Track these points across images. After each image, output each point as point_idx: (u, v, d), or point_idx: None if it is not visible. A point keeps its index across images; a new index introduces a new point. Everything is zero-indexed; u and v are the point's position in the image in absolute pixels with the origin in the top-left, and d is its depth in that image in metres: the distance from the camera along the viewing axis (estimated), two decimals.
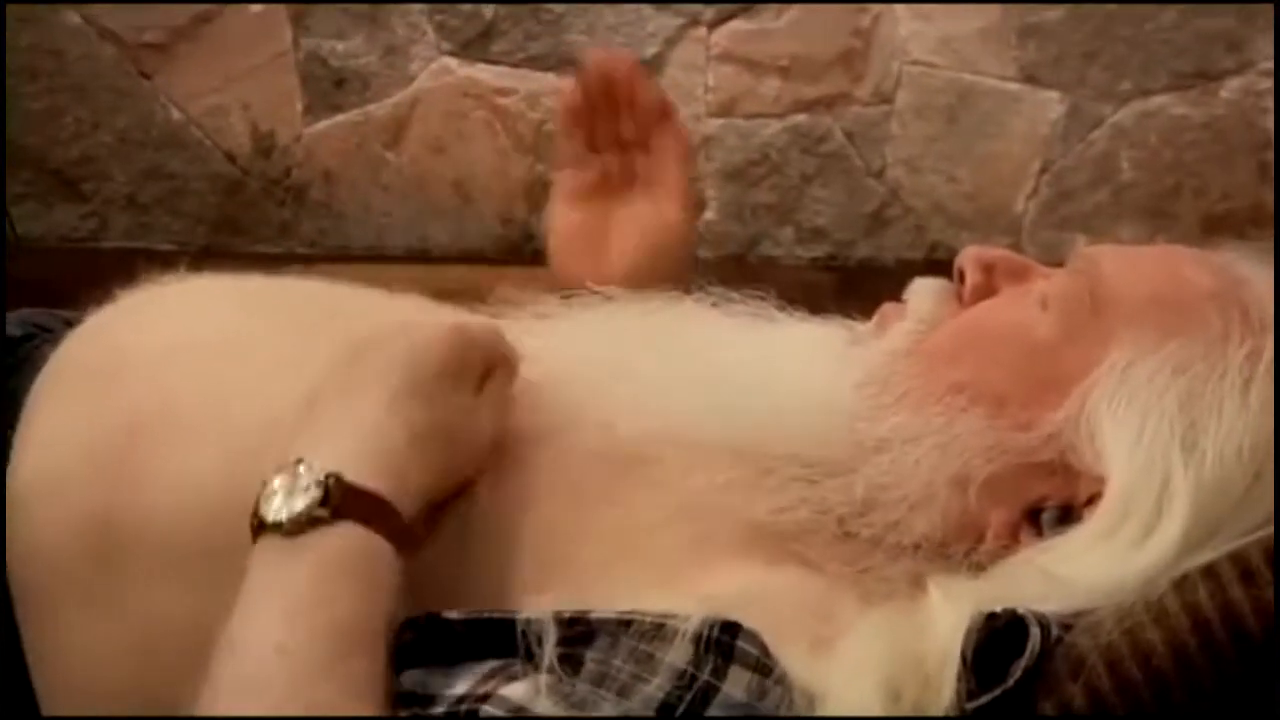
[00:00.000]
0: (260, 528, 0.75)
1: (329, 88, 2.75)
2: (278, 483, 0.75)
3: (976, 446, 0.84)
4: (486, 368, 0.85)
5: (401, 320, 0.85)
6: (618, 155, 1.07)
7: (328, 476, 0.75)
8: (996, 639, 0.74)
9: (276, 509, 0.75)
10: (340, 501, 0.75)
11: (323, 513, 0.74)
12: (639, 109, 1.05)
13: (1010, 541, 0.84)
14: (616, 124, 1.06)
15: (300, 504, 0.74)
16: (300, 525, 0.74)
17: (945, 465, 0.84)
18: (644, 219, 1.07)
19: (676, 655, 0.71)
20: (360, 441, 0.78)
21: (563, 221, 1.09)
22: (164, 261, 1.03)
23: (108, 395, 0.91)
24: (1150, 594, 0.75)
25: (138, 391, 0.91)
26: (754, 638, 0.72)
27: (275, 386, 0.89)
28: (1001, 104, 2.64)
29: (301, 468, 0.76)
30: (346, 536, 0.75)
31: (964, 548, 0.84)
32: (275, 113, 2.77)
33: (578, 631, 0.73)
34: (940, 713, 0.73)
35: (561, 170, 1.10)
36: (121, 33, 2.75)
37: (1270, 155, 2.55)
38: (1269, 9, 2.48)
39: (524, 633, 0.73)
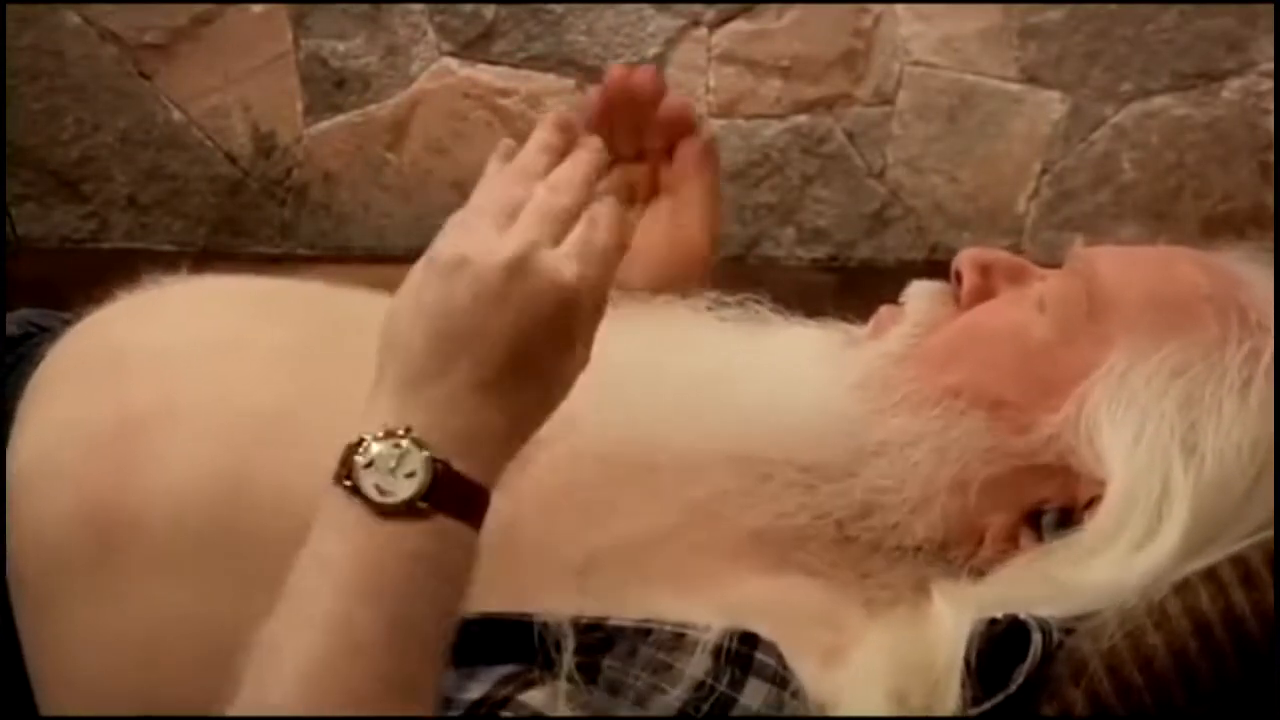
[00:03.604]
0: (353, 491, 0.69)
1: (330, 88, 2.75)
2: (379, 449, 0.69)
3: (975, 449, 0.84)
4: (599, 311, 0.76)
5: (512, 262, 0.72)
6: (641, 164, 1.06)
7: (436, 463, 0.69)
8: (998, 644, 0.74)
9: (377, 483, 0.69)
10: (444, 492, 0.70)
11: (424, 505, 0.69)
12: (662, 121, 1.03)
13: (1010, 545, 0.84)
14: (638, 134, 1.04)
15: (405, 489, 0.69)
16: (399, 511, 0.69)
17: (944, 468, 0.84)
18: (664, 228, 1.05)
19: (695, 666, 0.71)
20: (464, 420, 0.71)
21: None
22: (164, 262, 1.03)
23: (107, 388, 0.91)
24: (1151, 597, 0.75)
25: (137, 384, 0.91)
26: (772, 649, 0.73)
27: (275, 384, 0.89)
28: (1003, 104, 2.64)
29: (407, 442, 0.69)
30: (439, 530, 0.70)
31: (964, 551, 0.84)
32: (276, 113, 2.77)
33: (595, 638, 0.73)
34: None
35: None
36: (122, 33, 2.75)
37: (1271, 156, 2.55)
38: (1270, 9, 2.48)
39: (541, 636, 0.72)
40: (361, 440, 0.69)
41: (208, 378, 0.91)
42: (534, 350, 0.72)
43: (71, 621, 0.88)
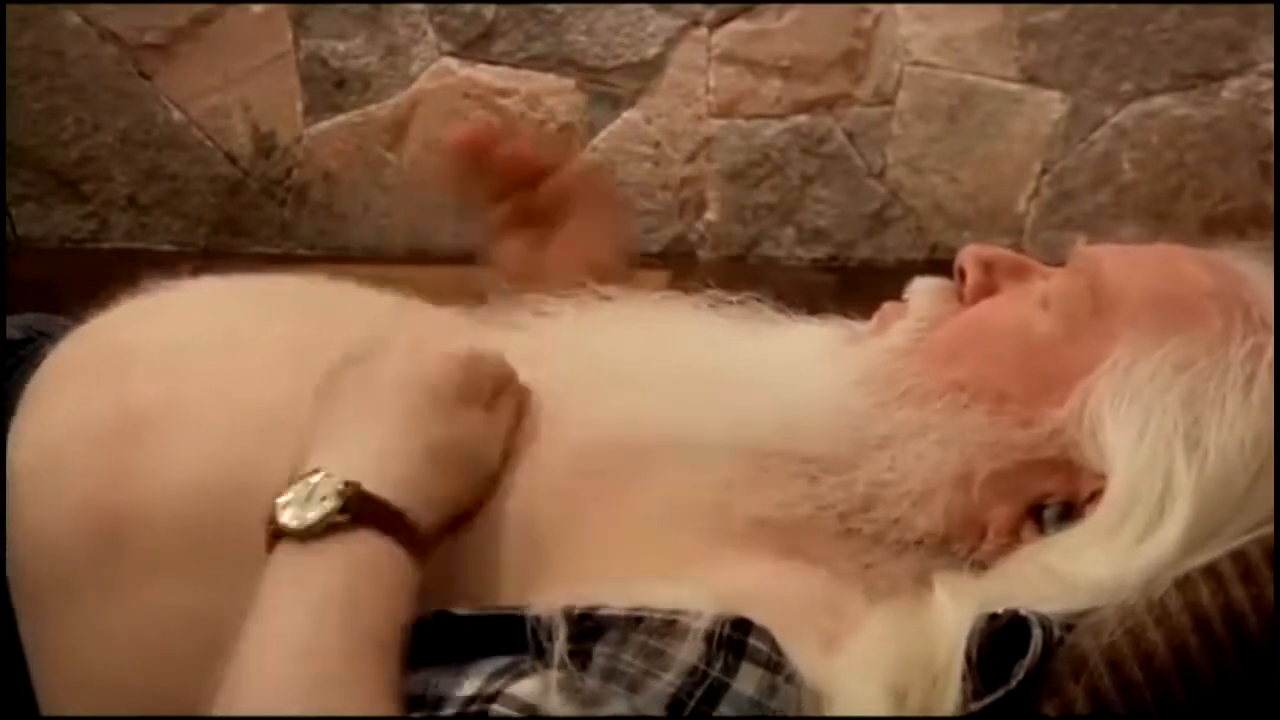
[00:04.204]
0: (277, 536, 0.75)
1: (330, 88, 2.75)
2: (293, 492, 0.76)
3: (978, 443, 0.84)
4: (496, 389, 0.87)
5: (416, 339, 0.86)
6: (532, 193, 1.10)
7: (347, 485, 0.76)
8: (999, 639, 0.74)
9: (294, 516, 0.75)
10: (359, 510, 0.75)
11: (342, 519, 0.75)
12: (522, 165, 1.08)
13: (1012, 538, 0.84)
14: (509, 173, 1.08)
15: (318, 511, 0.75)
16: (319, 531, 0.74)
17: (947, 462, 0.84)
18: (577, 244, 1.09)
19: (688, 651, 0.71)
20: (379, 455, 0.79)
21: (505, 251, 1.11)
22: (164, 262, 1.03)
23: (109, 387, 0.91)
24: (1152, 593, 0.75)
25: (139, 384, 0.91)
26: (765, 635, 0.73)
27: (278, 379, 0.89)
28: (1003, 104, 2.64)
29: (318, 477, 0.76)
30: (365, 543, 0.75)
31: (966, 544, 0.84)
32: (276, 113, 2.77)
33: (587, 627, 0.73)
34: (946, 713, 0.73)
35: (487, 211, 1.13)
36: (122, 33, 2.75)
37: (1271, 156, 2.55)
38: (1270, 9, 2.48)
39: (533, 629, 0.73)
40: (276, 497, 0.76)
41: (210, 375, 0.91)
42: (440, 398, 0.82)
43: (74, 620, 0.88)
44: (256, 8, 2.73)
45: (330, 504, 0.75)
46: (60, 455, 0.90)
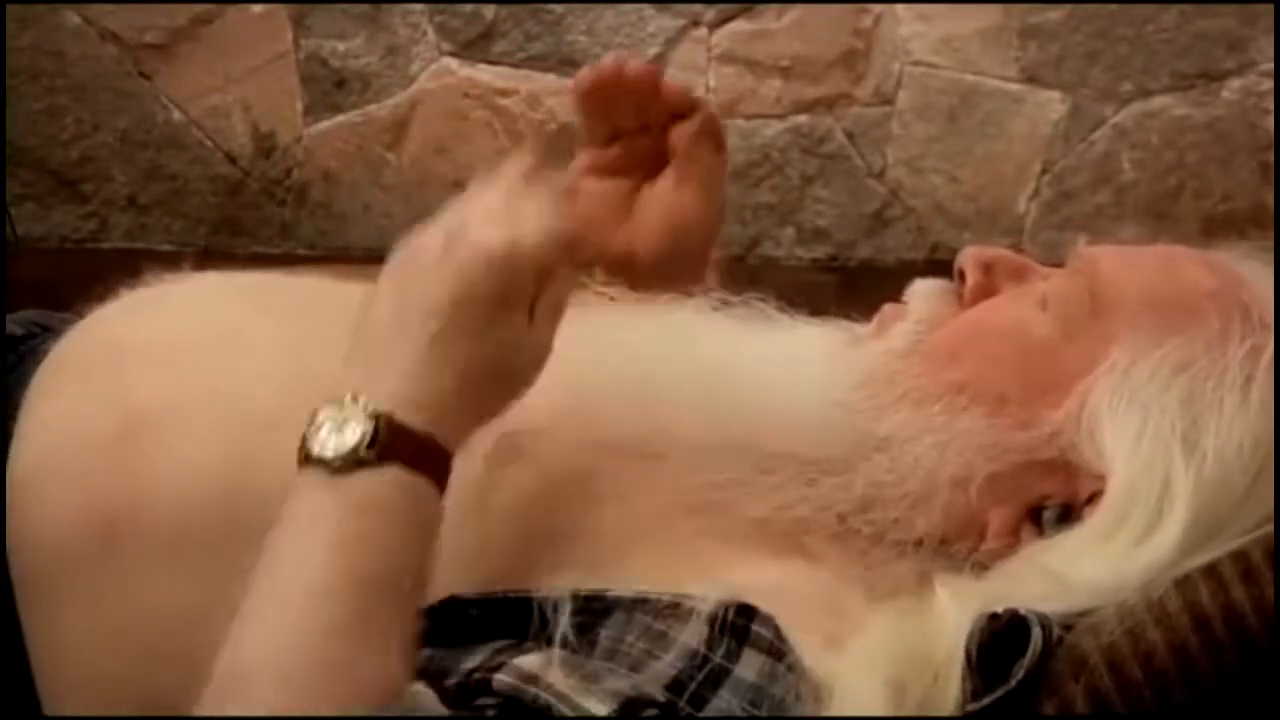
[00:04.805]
0: (307, 460, 0.74)
1: (329, 88, 2.75)
2: (325, 415, 0.75)
3: (977, 445, 0.84)
4: (540, 279, 0.80)
5: (450, 234, 0.80)
6: (641, 139, 1.06)
7: (377, 415, 0.74)
8: (998, 639, 0.74)
9: (323, 443, 0.74)
10: (388, 441, 0.74)
11: (369, 455, 0.73)
12: (660, 102, 1.03)
13: (1011, 540, 0.84)
14: (638, 111, 1.03)
15: (349, 440, 0.73)
16: (347, 464, 0.73)
17: (945, 464, 0.84)
18: (667, 202, 1.05)
19: (690, 635, 0.72)
20: (409, 381, 0.76)
21: (586, 190, 1.05)
22: (164, 262, 1.03)
23: (108, 385, 0.91)
24: (1152, 593, 0.75)
25: (139, 382, 0.91)
26: (769, 621, 0.73)
27: (277, 379, 0.89)
28: (1003, 104, 2.64)
29: (350, 402, 0.75)
30: (392, 480, 0.74)
31: (966, 546, 0.84)
32: (276, 113, 2.77)
33: (593, 608, 0.73)
34: (945, 713, 0.73)
35: (586, 148, 1.08)
36: (122, 33, 2.75)
37: (1271, 156, 2.55)
38: (1270, 9, 2.48)
39: (539, 610, 0.73)
40: (314, 413, 0.75)
41: (210, 374, 0.91)
42: (473, 311, 0.77)
43: (74, 619, 0.88)
44: (256, 8, 2.73)
45: (361, 435, 0.73)
46: (60, 455, 0.90)
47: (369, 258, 2.94)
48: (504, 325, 0.78)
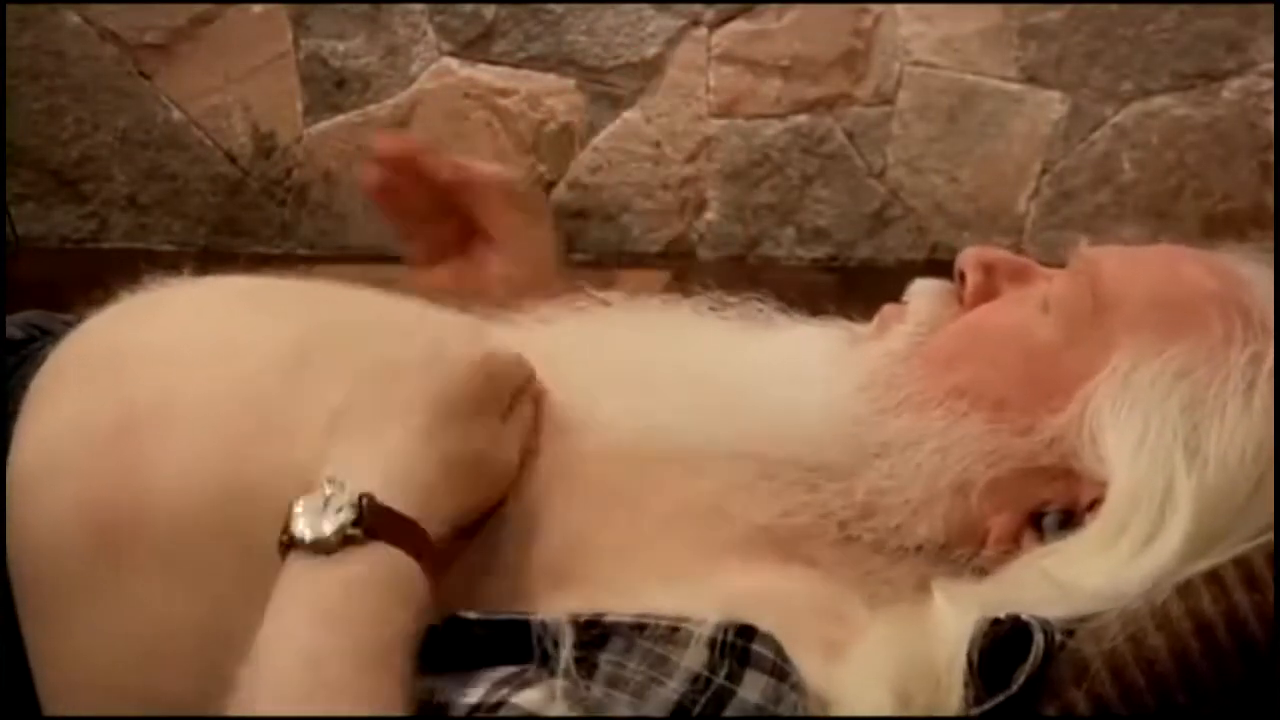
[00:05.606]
0: (290, 545, 0.75)
1: (330, 88, 2.75)
2: (306, 502, 0.76)
3: (977, 451, 0.84)
4: (513, 395, 0.87)
5: (432, 346, 0.86)
6: (445, 221, 1.09)
7: (361, 497, 0.75)
8: (1000, 645, 0.74)
9: (308, 526, 0.75)
10: (373, 522, 0.75)
11: (356, 532, 0.75)
12: (432, 182, 1.08)
13: (1012, 546, 0.84)
14: (428, 193, 1.08)
15: (333, 523, 0.75)
16: (333, 544, 0.74)
17: (946, 470, 0.84)
18: (483, 278, 1.09)
19: (692, 658, 0.72)
20: (393, 467, 0.79)
21: (437, 281, 1.10)
22: (164, 262, 1.03)
23: (107, 388, 0.91)
24: (1153, 599, 0.75)
25: (137, 384, 0.91)
26: (769, 641, 0.73)
27: (276, 381, 0.89)
28: (1003, 104, 2.64)
29: (332, 488, 0.76)
30: (378, 555, 0.75)
31: (967, 552, 0.84)
32: (276, 113, 2.77)
33: (593, 634, 0.73)
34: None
35: (409, 241, 1.12)
36: (122, 33, 2.75)
37: (1271, 156, 2.55)
38: (1270, 9, 2.48)
39: (539, 636, 0.73)
40: (290, 505, 0.76)
41: (208, 377, 0.91)
42: (455, 410, 0.82)
43: (73, 621, 0.88)
44: (256, 8, 2.73)
45: (345, 516, 0.75)
46: (60, 456, 0.90)
47: (369, 258, 2.95)
48: (481, 428, 0.83)
